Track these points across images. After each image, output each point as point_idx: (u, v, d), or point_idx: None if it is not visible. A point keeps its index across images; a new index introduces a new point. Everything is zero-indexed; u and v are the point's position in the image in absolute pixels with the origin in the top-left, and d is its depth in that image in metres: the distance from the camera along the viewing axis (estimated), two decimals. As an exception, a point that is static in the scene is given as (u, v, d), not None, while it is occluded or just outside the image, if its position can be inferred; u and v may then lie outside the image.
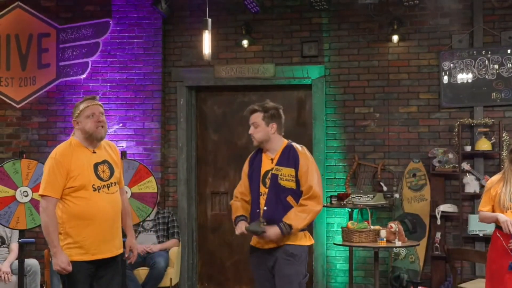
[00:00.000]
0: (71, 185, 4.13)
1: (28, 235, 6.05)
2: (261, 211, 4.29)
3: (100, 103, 4.34)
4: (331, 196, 6.89)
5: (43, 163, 5.63)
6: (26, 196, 5.53)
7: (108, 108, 7.47)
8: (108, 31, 7.57)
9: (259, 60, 7.45)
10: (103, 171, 4.24)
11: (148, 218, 6.70)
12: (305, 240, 4.42)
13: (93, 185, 4.17)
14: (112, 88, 7.56)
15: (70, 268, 4.09)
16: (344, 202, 6.71)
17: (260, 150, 4.48)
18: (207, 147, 7.77)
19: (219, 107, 7.75)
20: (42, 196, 4.15)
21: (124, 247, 4.45)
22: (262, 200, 4.32)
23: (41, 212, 4.16)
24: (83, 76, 7.60)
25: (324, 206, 6.95)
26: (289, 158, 4.33)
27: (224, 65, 7.49)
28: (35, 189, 5.51)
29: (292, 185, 4.29)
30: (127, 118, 7.48)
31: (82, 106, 4.24)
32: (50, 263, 6.39)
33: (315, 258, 7.25)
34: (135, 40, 7.53)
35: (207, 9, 6.36)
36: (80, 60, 7.61)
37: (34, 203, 5.51)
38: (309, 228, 7.30)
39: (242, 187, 4.52)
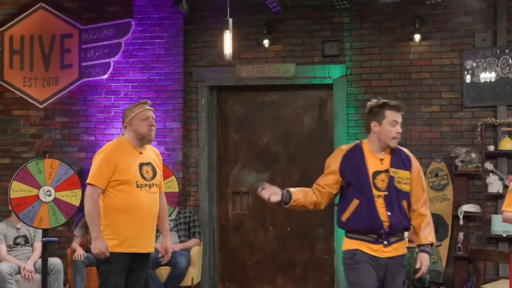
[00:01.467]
0: (117, 178, 4.40)
1: (51, 234, 6.11)
2: (386, 217, 4.00)
3: (152, 108, 4.67)
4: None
5: (66, 163, 5.72)
6: (49, 195, 5.59)
7: (130, 108, 7.53)
8: (129, 31, 7.61)
9: (280, 59, 7.45)
10: (147, 172, 4.52)
11: (169, 218, 6.73)
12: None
13: (137, 182, 4.44)
14: (134, 88, 7.60)
15: (107, 253, 4.33)
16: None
17: (357, 148, 4.23)
18: (228, 147, 7.78)
19: (240, 107, 7.76)
20: (88, 184, 4.43)
21: (155, 247, 4.73)
22: (380, 205, 4.01)
23: (86, 198, 4.43)
24: (105, 76, 7.65)
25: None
26: (402, 160, 4.15)
27: (245, 65, 7.49)
28: (58, 188, 5.57)
29: (408, 188, 4.08)
30: (148, 118, 7.51)
31: (137, 110, 4.57)
32: (73, 262, 6.46)
33: (336, 258, 7.23)
34: (157, 40, 7.56)
35: (228, 9, 6.37)
36: (102, 61, 7.66)
37: (57, 202, 5.56)
38: (330, 228, 7.34)
39: (322, 180, 4.23)
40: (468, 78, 6.95)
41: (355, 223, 4.05)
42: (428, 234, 4.06)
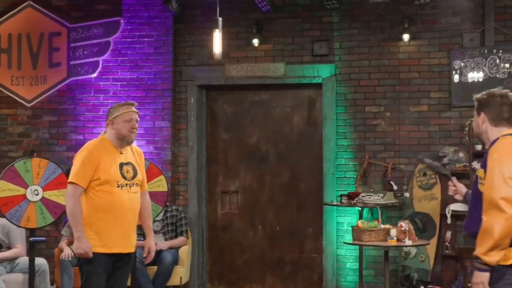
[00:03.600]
0: (98, 177, 4.36)
1: (39, 233, 6.08)
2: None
3: (137, 110, 4.61)
4: (341, 195, 6.87)
5: (54, 162, 5.69)
6: (36, 194, 5.56)
7: (118, 107, 7.50)
8: (119, 30, 7.59)
9: (269, 59, 7.45)
10: (127, 171, 4.49)
11: (157, 218, 6.72)
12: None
13: (117, 181, 4.41)
14: (123, 87, 7.58)
15: (91, 253, 4.30)
16: (354, 201, 6.70)
17: None
18: (217, 146, 7.77)
19: (229, 106, 7.75)
20: (70, 183, 4.39)
21: (137, 246, 4.69)
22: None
23: (67, 198, 4.40)
24: (94, 75, 7.62)
25: (334, 205, 6.97)
26: (485, 155, 3.49)
27: (235, 64, 7.49)
28: (46, 188, 5.54)
29: (482, 189, 3.41)
30: (137, 117, 7.49)
31: (122, 110, 4.51)
32: (60, 262, 6.43)
33: (325, 257, 7.24)
34: (146, 39, 7.55)
35: (218, 8, 6.36)
36: (91, 59, 7.64)
37: (45, 202, 5.53)
38: (319, 227, 7.36)
39: None
40: (456, 78, 6.98)
41: None
42: (477, 245, 3.36)
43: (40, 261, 6.34)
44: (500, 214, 3.20)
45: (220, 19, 6.25)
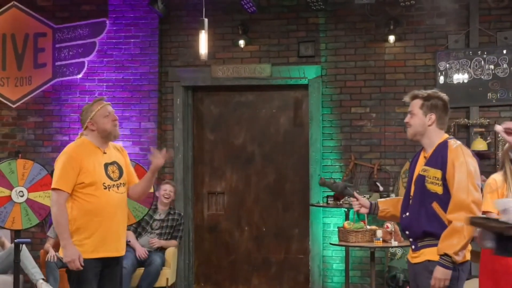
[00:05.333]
0: (82, 181, 4.20)
1: (24, 235, 6.04)
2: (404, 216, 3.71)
3: (109, 103, 4.46)
4: (327, 196, 6.89)
5: (39, 163, 5.66)
6: (21, 196, 5.51)
7: (104, 108, 7.48)
8: (104, 30, 7.56)
9: (255, 60, 7.45)
10: (113, 172, 4.34)
11: (158, 217, 6.72)
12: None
13: (104, 183, 4.25)
14: (109, 88, 7.55)
15: (80, 261, 4.13)
16: (341, 202, 6.71)
17: (422, 149, 3.83)
18: (203, 147, 7.76)
19: (215, 107, 7.75)
20: (53, 189, 4.22)
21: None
22: (409, 205, 3.69)
23: (52, 205, 4.24)
24: (79, 76, 7.59)
25: (320, 206, 6.98)
26: (438, 157, 3.58)
27: (221, 65, 7.48)
28: (31, 189, 5.50)
29: (438, 189, 3.53)
30: (123, 118, 7.47)
31: (95, 107, 4.35)
32: (46, 263, 6.39)
33: (311, 258, 7.25)
34: (132, 40, 7.52)
35: (204, 9, 6.36)
36: (76, 60, 7.60)
37: (30, 203, 5.50)
38: (305, 228, 7.37)
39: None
40: (441, 79, 7.02)
41: None
42: (441, 241, 3.46)
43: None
44: (471, 216, 3.30)
45: (206, 20, 6.25)
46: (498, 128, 3.49)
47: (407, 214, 3.66)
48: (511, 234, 2.92)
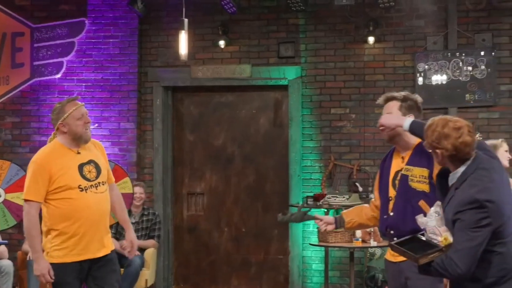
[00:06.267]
0: (56, 187, 4.09)
1: (1, 236, 5.99)
2: (388, 217, 3.71)
3: (83, 103, 4.33)
4: (307, 197, 6.91)
5: (17, 164, 5.62)
6: (-1, 197, 5.48)
7: (83, 108, 7.42)
8: (83, 30, 7.51)
9: (235, 60, 7.45)
10: (89, 171, 4.20)
11: (132, 220, 6.67)
12: None
13: (80, 185, 4.13)
14: (88, 88, 7.50)
15: (50, 275, 4.06)
16: (320, 203, 6.74)
17: (392, 151, 3.88)
18: (183, 148, 7.74)
19: (195, 108, 7.73)
20: (25, 200, 4.11)
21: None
22: (391, 205, 3.70)
23: (24, 216, 4.14)
24: (58, 76, 7.53)
25: (300, 207, 6.99)
26: (421, 156, 3.60)
27: (201, 66, 7.47)
28: (8, 190, 5.46)
29: (425, 187, 3.59)
30: (102, 119, 7.43)
31: (68, 109, 4.20)
32: (27, 262, 6.32)
33: (291, 259, 7.26)
34: (111, 40, 7.48)
35: (184, 9, 6.35)
36: (55, 60, 7.54)
37: (7, 204, 5.46)
38: (285, 229, 7.37)
39: (375, 195, 3.94)
40: (420, 80, 7.07)
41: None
42: None
43: (5, 263, 6.25)
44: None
45: (186, 20, 6.25)
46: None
47: (391, 214, 3.68)
48: (420, 263, 2.97)
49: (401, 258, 3.57)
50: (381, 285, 6.75)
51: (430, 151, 3.15)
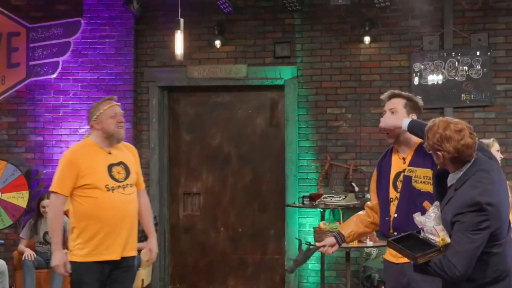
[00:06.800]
0: (83, 183, 4.14)
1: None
2: (391, 219, 3.68)
3: (119, 103, 4.40)
4: (303, 197, 6.91)
5: (13, 164, 5.61)
6: (-6, 196, 5.47)
7: (79, 108, 7.44)
8: (79, 30, 7.50)
9: (231, 60, 7.45)
10: (118, 172, 4.23)
11: None
12: None
13: (107, 185, 4.16)
14: (84, 88, 7.49)
15: (67, 267, 4.12)
16: (316, 203, 6.74)
17: (389, 151, 3.84)
18: (179, 148, 7.74)
19: (191, 108, 7.73)
20: (51, 192, 4.20)
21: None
22: (393, 207, 3.66)
23: (49, 207, 4.26)
24: (54, 75, 7.52)
25: (296, 207, 7.00)
26: (425, 156, 3.54)
27: (197, 66, 7.47)
28: (4, 190, 5.46)
29: (429, 188, 3.56)
30: (98, 118, 7.41)
31: (103, 107, 4.29)
32: (22, 263, 6.32)
33: (287, 259, 7.26)
34: (107, 40, 7.48)
35: (180, 9, 6.34)
36: (51, 60, 7.53)
37: (3, 204, 5.45)
38: (281, 228, 7.38)
39: (371, 197, 3.93)
40: (416, 80, 7.08)
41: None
42: None
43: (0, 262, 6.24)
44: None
45: (182, 20, 6.24)
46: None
47: (396, 215, 3.64)
48: (419, 263, 2.97)
49: (404, 260, 3.53)
50: (377, 285, 6.75)
51: (431, 152, 3.15)
